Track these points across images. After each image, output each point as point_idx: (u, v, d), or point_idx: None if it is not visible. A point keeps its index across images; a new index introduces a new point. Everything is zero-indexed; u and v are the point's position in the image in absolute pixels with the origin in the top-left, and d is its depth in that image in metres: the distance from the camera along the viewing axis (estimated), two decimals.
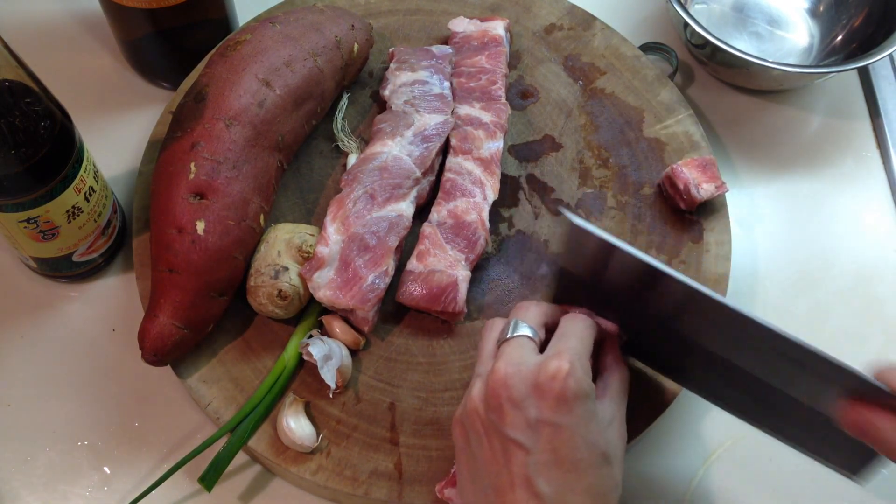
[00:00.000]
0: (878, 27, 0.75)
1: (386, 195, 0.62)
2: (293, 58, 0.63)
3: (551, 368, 0.44)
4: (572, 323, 0.50)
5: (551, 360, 0.45)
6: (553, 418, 0.44)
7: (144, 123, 0.73)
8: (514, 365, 0.46)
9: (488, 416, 0.46)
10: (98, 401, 0.62)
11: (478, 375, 0.49)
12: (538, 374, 0.45)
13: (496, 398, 0.46)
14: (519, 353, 0.47)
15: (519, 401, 0.45)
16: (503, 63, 0.71)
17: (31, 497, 0.59)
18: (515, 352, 0.48)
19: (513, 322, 0.50)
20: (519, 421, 0.45)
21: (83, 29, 0.79)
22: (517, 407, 0.45)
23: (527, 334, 0.49)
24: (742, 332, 0.44)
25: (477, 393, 0.47)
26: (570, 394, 0.44)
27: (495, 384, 0.46)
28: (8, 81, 0.52)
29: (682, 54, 0.80)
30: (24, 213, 0.56)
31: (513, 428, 0.45)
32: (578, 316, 0.50)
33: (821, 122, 0.79)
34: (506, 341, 0.49)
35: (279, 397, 0.59)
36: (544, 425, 0.44)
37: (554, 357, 0.45)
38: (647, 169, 0.70)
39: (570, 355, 0.45)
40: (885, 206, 0.75)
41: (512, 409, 0.45)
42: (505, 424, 0.45)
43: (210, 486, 0.56)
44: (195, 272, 0.57)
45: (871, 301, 0.70)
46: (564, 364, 0.44)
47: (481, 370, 0.49)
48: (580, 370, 0.45)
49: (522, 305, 0.52)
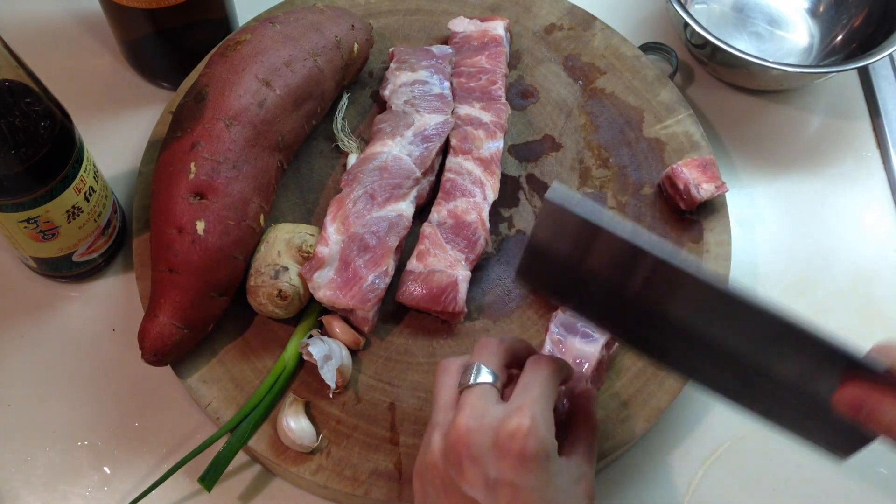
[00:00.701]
0: (878, 27, 0.75)
1: (386, 195, 0.62)
2: (293, 58, 0.63)
3: (512, 426, 0.43)
4: (536, 370, 0.47)
5: (512, 416, 0.43)
6: (512, 478, 0.42)
7: (144, 123, 0.73)
8: (475, 418, 0.44)
9: (447, 472, 0.45)
10: (98, 401, 0.62)
11: (436, 425, 0.47)
12: (499, 430, 0.43)
13: (456, 454, 0.44)
14: (481, 405, 0.45)
15: (479, 458, 0.43)
16: (503, 63, 0.71)
17: (31, 497, 0.59)
18: (478, 402, 0.45)
19: (475, 367, 0.48)
20: (478, 479, 0.43)
21: (83, 29, 0.79)
22: (477, 464, 0.43)
23: (488, 381, 0.47)
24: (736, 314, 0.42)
25: (437, 446, 0.46)
26: (531, 454, 0.42)
27: (456, 439, 0.44)
28: (8, 81, 0.52)
29: (682, 54, 0.80)
30: (24, 213, 0.56)
31: (471, 486, 0.44)
32: (543, 360, 0.48)
33: (821, 122, 0.79)
34: (467, 389, 0.47)
35: (279, 397, 0.59)
36: (503, 485, 0.43)
37: (515, 412, 0.43)
38: (647, 169, 0.70)
39: (531, 410, 0.43)
40: (885, 206, 0.75)
41: (471, 466, 0.43)
42: (464, 482, 0.44)
43: (210, 486, 0.56)
44: (195, 272, 0.57)
45: (871, 301, 0.70)
46: (525, 421, 0.43)
47: (440, 419, 0.47)
48: (542, 427, 0.43)
49: (484, 344, 0.49)
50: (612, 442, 0.58)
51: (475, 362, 0.48)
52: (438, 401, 0.49)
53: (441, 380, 0.50)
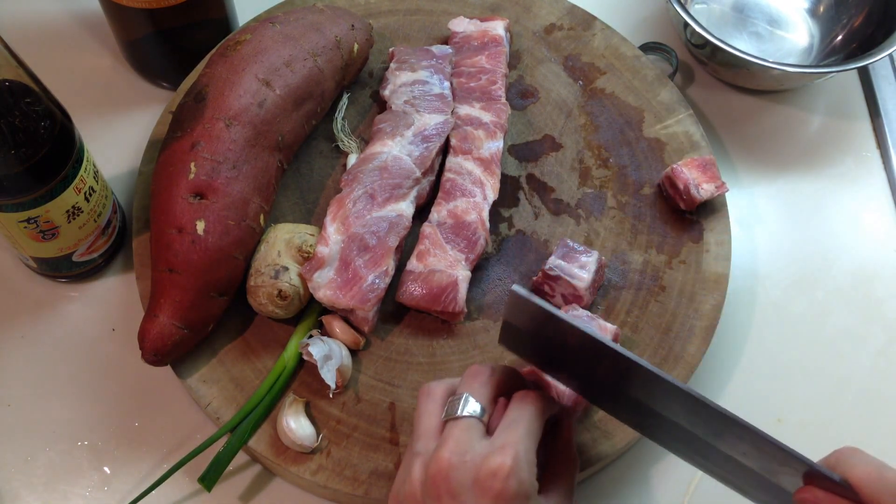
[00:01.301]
0: (878, 27, 0.75)
1: (386, 195, 0.62)
2: (293, 58, 0.63)
3: (493, 465, 0.43)
4: (522, 407, 0.47)
5: (496, 454, 0.43)
6: None
7: (144, 123, 0.73)
8: (458, 454, 0.44)
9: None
10: (98, 401, 0.62)
11: (417, 454, 0.46)
12: (480, 468, 0.43)
13: (436, 488, 0.44)
14: (465, 439, 0.45)
15: (458, 494, 0.43)
16: (503, 63, 0.71)
17: (31, 497, 0.59)
18: (462, 436, 0.45)
19: (463, 397, 0.47)
20: None
21: (83, 29, 0.79)
22: (456, 500, 0.43)
23: (475, 414, 0.46)
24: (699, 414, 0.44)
25: (417, 477, 0.45)
26: (510, 494, 0.42)
27: (437, 473, 0.44)
28: (8, 81, 0.52)
29: (682, 54, 0.80)
30: (24, 213, 0.56)
31: None
32: (529, 396, 0.47)
33: (821, 122, 0.79)
34: (454, 420, 0.46)
35: (279, 397, 0.59)
36: None
37: (498, 451, 0.43)
38: (647, 169, 0.70)
39: (514, 450, 0.43)
40: (885, 206, 0.75)
41: (450, 501, 0.43)
42: None
43: (210, 486, 0.56)
44: (195, 272, 0.57)
45: (870, 301, 0.70)
46: (507, 461, 0.43)
47: (421, 448, 0.47)
48: (524, 468, 0.43)
49: (475, 374, 0.49)
50: (612, 442, 0.58)
51: (464, 392, 0.47)
52: (420, 427, 0.48)
53: (425, 406, 0.49)
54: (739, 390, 0.65)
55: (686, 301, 0.64)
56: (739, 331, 0.68)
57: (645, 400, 0.47)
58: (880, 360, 0.67)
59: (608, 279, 0.65)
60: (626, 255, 0.66)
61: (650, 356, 0.62)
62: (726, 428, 0.43)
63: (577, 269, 0.61)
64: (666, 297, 0.64)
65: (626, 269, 0.65)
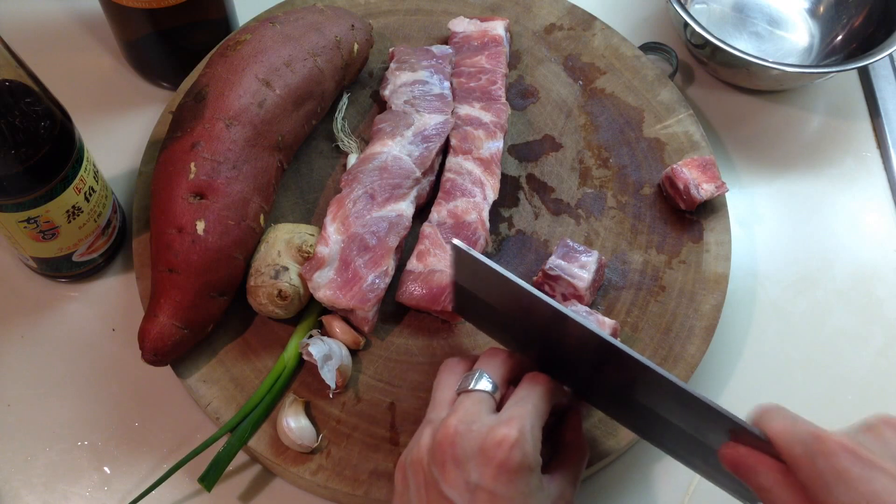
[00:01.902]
0: (878, 27, 0.75)
1: (386, 195, 0.62)
2: (293, 58, 0.63)
3: (499, 435, 0.44)
4: (532, 386, 0.48)
5: (501, 425, 0.44)
6: (491, 486, 0.43)
7: (144, 123, 0.73)
8: (465, 423, 0.45)
9: (430, 470, 0.45)
10: (98, 401, 0.62)
11: (429, 422, 0.48)
12: (486, 437, 0.44)
13: (441, 454, 0.45)
14: (475, 410, 0.46)
15: (463, 461, 0.44)
16: (503, 63, 0.71)
17: (31, 497, 0.59)
18: (472, 407, 0.47)
19: (477, 373, 0.49)
20: (459, 481, 0.44)
21: (83, 29, 0.79)
22: (460, 467, 0.44)
23: (487, 389, 0.48)
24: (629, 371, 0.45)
25: (424, 443, 0.47)
26: (514, 465, 0.43)
27: (443, 439, 0.45)
28: (8, 81, 0.52)
29: (682, 54, 0.80)
30: (24, 213, 0.56)
31: (451, 487, 0.44)
32: (539, 378, 0.49)
33: (821, 122, 0.79)
34: (465, 392, 0.48)
35: (279, 397, 0.59)
36: (481, 491, 0.43)
37: (505, 423, 0.45)
38: (647, 169, 0.70)
39: (520, 423, 0.44)
40: (885, 206, 0.75)
41: (454, 467, 0.44)
42: (445, 482, 0.45)
43: (210, 486, 0.56)
44: (195, 272, 0.57)
45: (870, 301, 0.70)
46: (513, 432, 0.44)
47: (433, 416, 0.48)
48: (529, 441, 0.44)
49: (493, 353, 0.50)
50: (613, 442, 0.58)
51: (479, 368, 0.49)
52: (435, 398, 0.50)
53: (443, 377, 0.51)
54: (739, 390, 0.65)
55: (686, 301, 0.64)
56: (739, 331, 0.68)
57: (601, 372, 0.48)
58: (880, 360, 0.67)
59: (608, 279, 0.65)
60: (626, 255, 0.66)
61: (650, 356, 0.62)
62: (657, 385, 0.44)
63: (578, 269, 0.61)
64: (666, 297, 0.64)
65: (626, 269, 0.65)
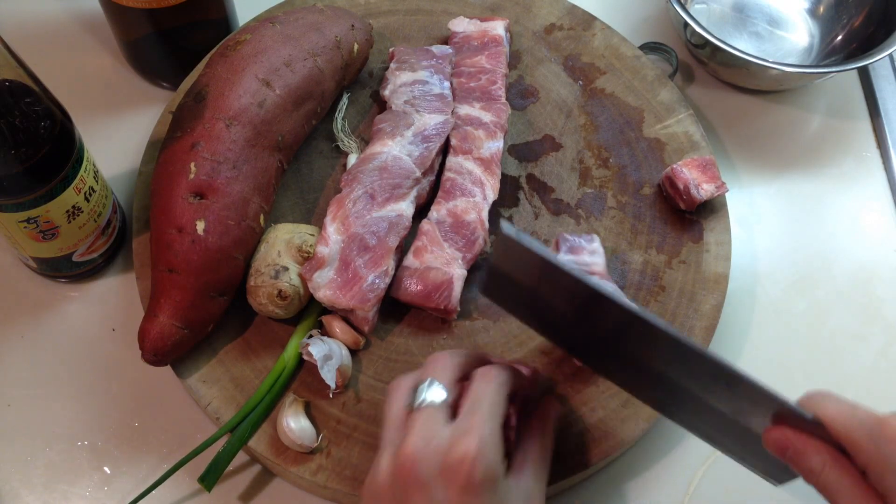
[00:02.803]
0: (878, 27, 0.75)
1: (386, 195, 0.62)
2: (293, 58, 0.63)
3: (459, 452, 0.43)
4: (484, 384, 0.47)
5: (460, 440, 0.43)
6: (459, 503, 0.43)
7: (144, 123, 0.73)
8: (423, 441, 0.44)
9: (395, 495, 0.44)
10: (98, 401, 0.62)
11: (386, 445, 0.47)
12: (446, 455, 0.43)
13: (403, 479, 0.44)
14: (429, 426, 0.45)
15: (426, 483, 0.43)
16: (503, 63, 0.71)
17: (31, 497, 0.59)
18: (426, 424, 0.45)
19: (426, 381, 0.47)
20: None
21: (83, 29, 0.79)
22: (424, 490, 0.43)
23: (439, 399, 0.46)
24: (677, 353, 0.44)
25: (385, 468, 0.45)
26: (477, 480, 0.42)
27: (403, 465, 0.44)
28: (8, 81, 0.52)
29: (682, 54, 0.80)
30: (24, 213, 0.56)
31: None
32: (491, 372, 0.48)
33: (821, 122, 0.79)
34: (417, 410, 0.46)
35: (279, 397, 0.59)
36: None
37: (463, 436, 0.43)
38: (647, 169, 0.70)
39: (479, 433, 0.43)
40: (885, 206, 0.75)
41: (418, 491, 0.43)
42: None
43: (210, 486, 0.56)
44: (195, 272, 0.57)
45: (870, 301, 0.70)
46: (472, 446, 0.43)
47: (388, 440, 0.47)
48: (489, 451, 0.43)
49: (435, 359, 0.49)
50: (613, 442, 0.58)
51: (428, 377, 0.48)
52: (387, 419, 0.48)
53: (392, 396, 0.49)
54: None
55: (686, 301, 0.64)
56: (739, 331, 0.68)
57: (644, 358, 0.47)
58: (880, 360, 0.67)
59: None
60: (626, 255, 0.66)
61: None
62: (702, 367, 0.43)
63: (589, 257, 0.61)
64: (666, 297, 0.64)
65: (626, 269, 0.65)
